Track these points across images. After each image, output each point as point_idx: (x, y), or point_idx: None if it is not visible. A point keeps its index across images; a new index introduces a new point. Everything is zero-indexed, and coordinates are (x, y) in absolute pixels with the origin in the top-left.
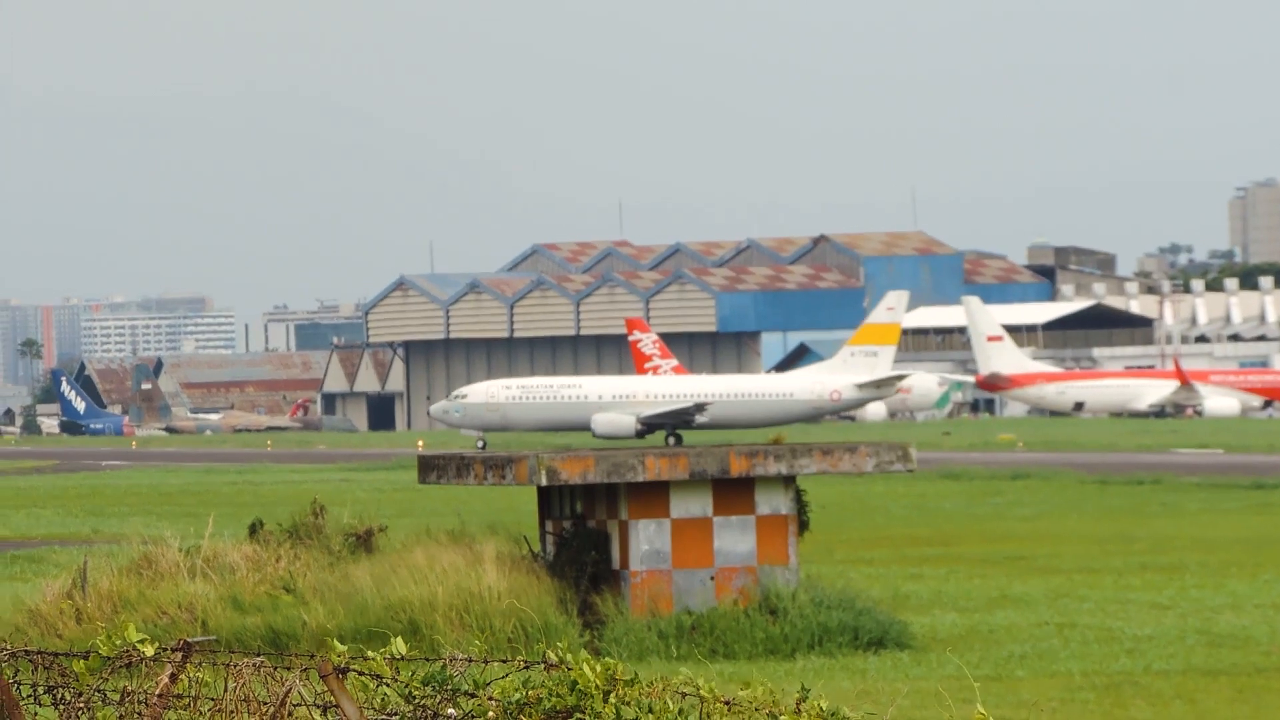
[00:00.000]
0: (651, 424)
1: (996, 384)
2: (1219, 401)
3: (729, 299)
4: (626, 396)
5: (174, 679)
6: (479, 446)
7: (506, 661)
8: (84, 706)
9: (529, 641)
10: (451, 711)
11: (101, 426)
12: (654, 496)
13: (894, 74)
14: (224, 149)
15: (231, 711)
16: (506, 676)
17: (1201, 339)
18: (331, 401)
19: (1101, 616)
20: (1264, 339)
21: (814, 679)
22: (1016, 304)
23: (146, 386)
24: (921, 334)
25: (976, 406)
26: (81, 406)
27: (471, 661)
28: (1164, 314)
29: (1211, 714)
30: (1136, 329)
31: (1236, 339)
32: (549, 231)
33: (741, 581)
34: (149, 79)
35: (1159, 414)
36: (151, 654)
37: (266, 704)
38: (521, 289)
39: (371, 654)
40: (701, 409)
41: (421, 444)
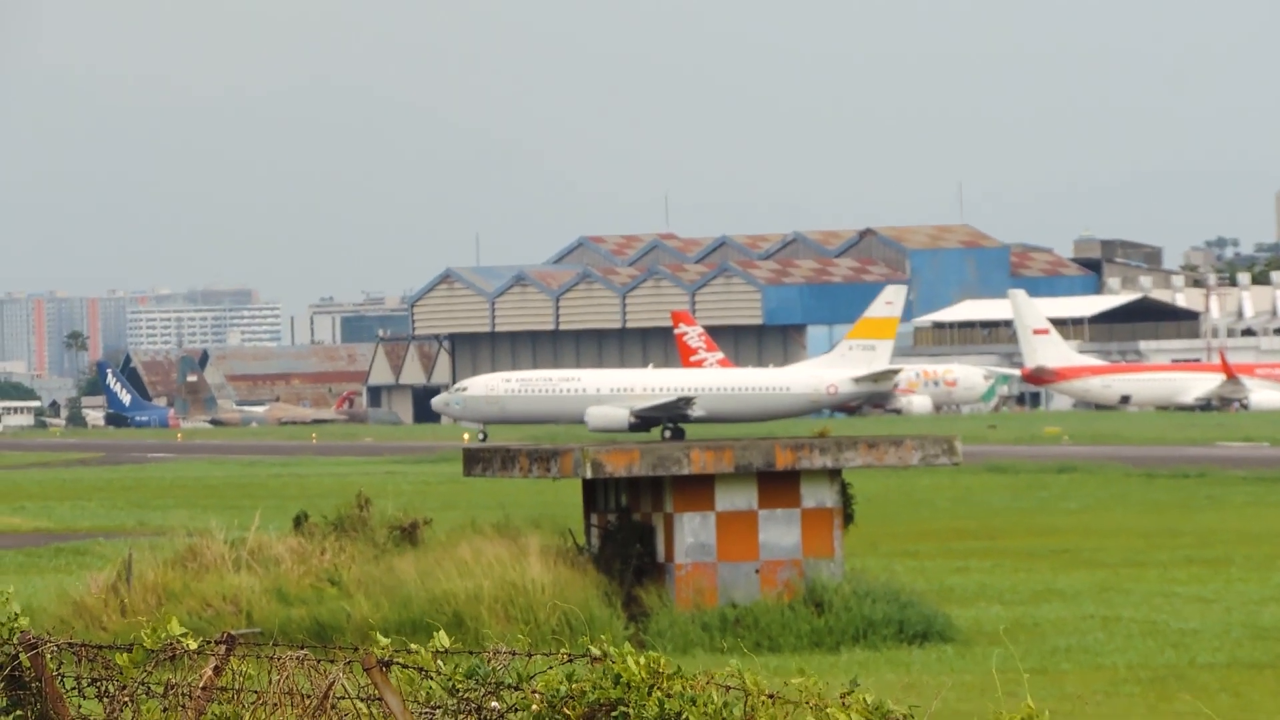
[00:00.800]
0: (644, 418)
1: (1042, 377)
2: (1265, 395)
3: (775, 292)
4: (624, 390)
5: (218, 672)
6: (480, 439)
7: (550, 655)
8: (128, 699)
9: (573, 635)
10: (495, 705)
11: (147, 419)
12: (699, 489)
13: (940, 66)
14: (271, 142)
15: (275, 704)
16: (550, 670)
17: (1248, 332)
18: (377, 394)
19: (1147, 610)
20: None
21: (859, 672)
22: (1063, 297)
23: (192, 379)
24: (967, 327)
25: (1022, 400)
26: (127, 399)
27: (515, 655)
28: (1210, 307)
29: (1257, 707)
30: (1182, 322)
31: None
32: (595, 224)
33: (786, 574)
34: (198, 72)
35: (1205, 407)
36: (195, 647)
37: (310, 697)
38: (567, 281)
39: (415, 647)
40: (689, 403)
41: (467, 437)
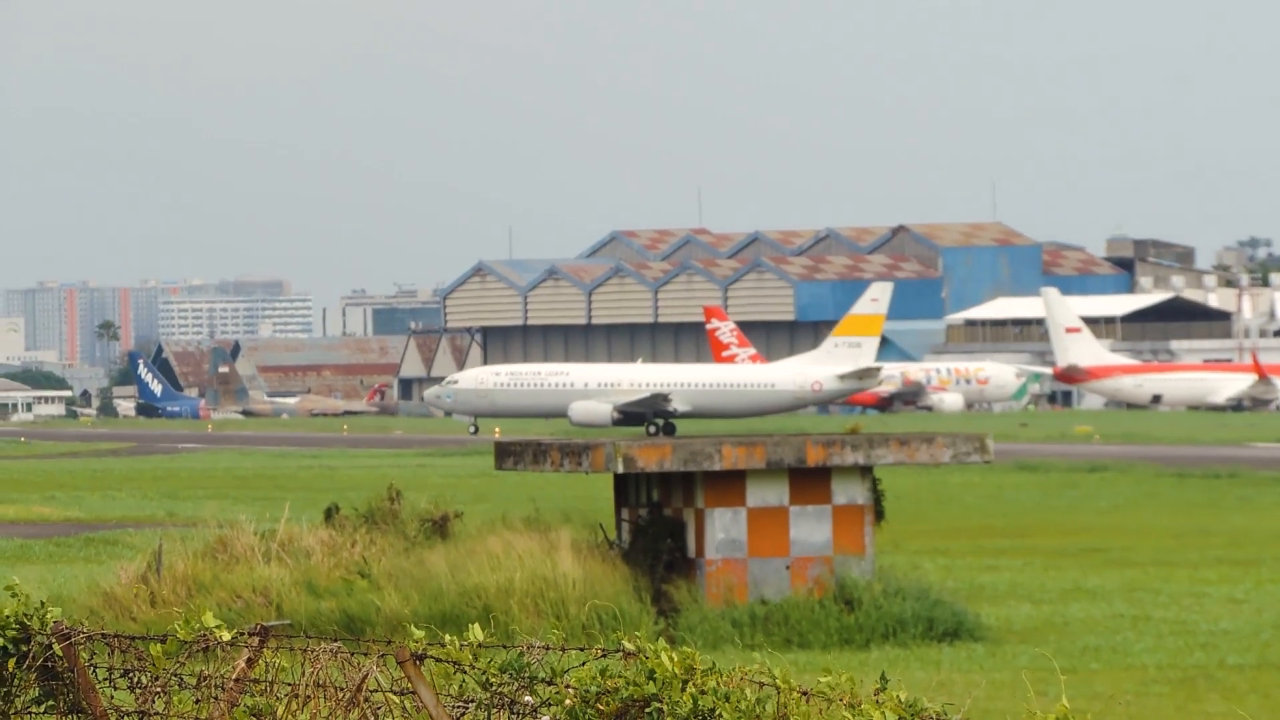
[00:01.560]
0: (626, 413)
1: (1074, 376)
2: None
3: (807, 288)
4: (611, 385)
5: (251, 663)
6: (471, 432)
7: (584, 649)
8: (160, 690)
9: (604, 629)
10: (529, 699)
11: (178, 409)
12: (730, 485)
13: (975, 63)
14: (304, 132)
15: (308, 697)
16: (584, 664)
17: None
18: (408, 386)
19: (1177, 610)
20: None
21: (888, 670)
22: (1095, 296)
23: (223, 370)
24: (1000, 325)
25: (1054, 398)
26: (158, 389)
27: (549, 649)
28: (1242, 307)
29: None
30: (1215, 322)
31: None
32: (628, 219)
33: (817, 571)
34: (230, 60)
35: (1236, 407)
36: (228, 639)
37: (343, 690)
38: (600, 276)
39: (449, 639)
40: (666, 399)
41: (499, 430)
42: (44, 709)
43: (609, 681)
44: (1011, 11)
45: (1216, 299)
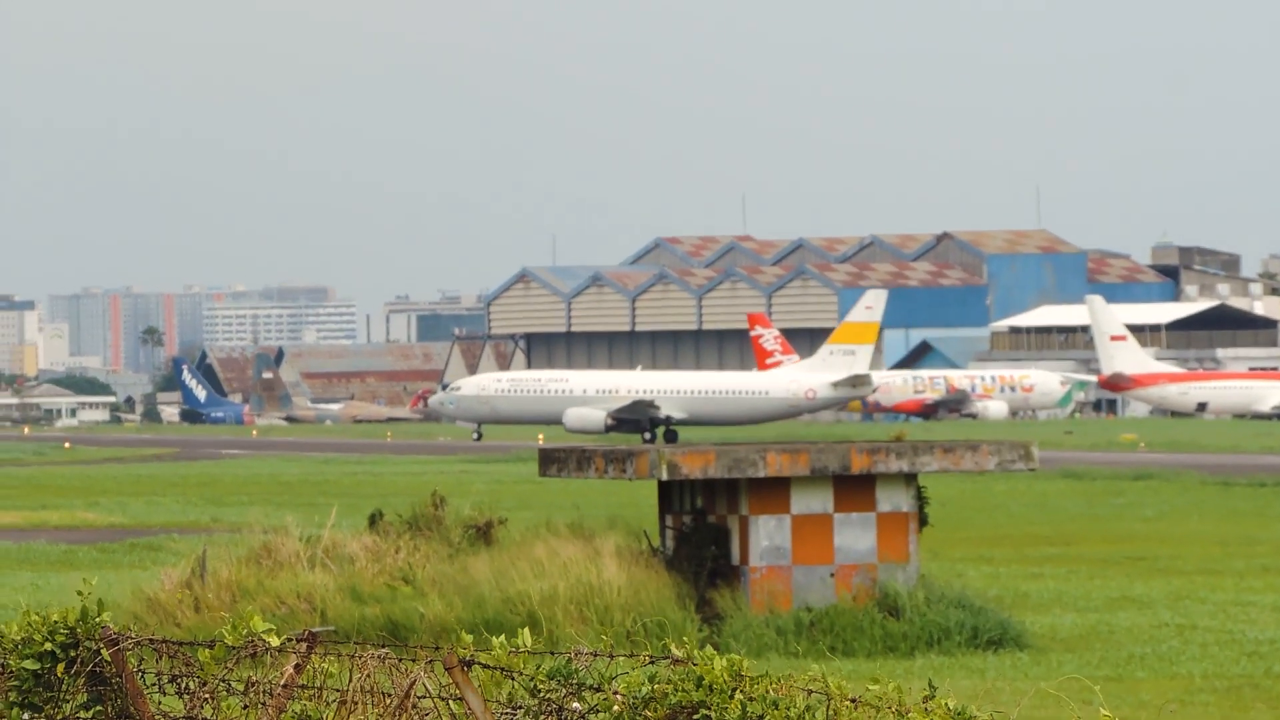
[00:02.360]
0: (620, 419)
1: (1119, 384)
2: None
3: (851, 295)
4: (608, 391)
5: (299, 669)
6: (475, 438)
7: (632, 656)
8: (208, 696)
9: (648, 636)
10: (577, 705)
11: (222, 415)
12: (775, 492)
13: (1019, 69)
14: (345, 138)
15: (356, 703)
16: (632, 671)
17: None
18: None
19: (1222, 619)
20: None
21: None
22: (1140, 304)
23: (267, 376)
24: (1044, 332)
25: (1099, 406)
26: (202, 395)
27: (596, 655)
28: None
29: None
30: (1260, 330)
31: None
32: (672, 225)
33: (861, 579)
34: (270, 68)
35: None
36: (277, 644)
37: (391, 696)
38: (644, 282)
39: (497, 644)
40: (652, 405)
41: (542, 437)
42: (92, 714)
43: (657, 688)
44: (1057, 17)
45: (1262, 306)
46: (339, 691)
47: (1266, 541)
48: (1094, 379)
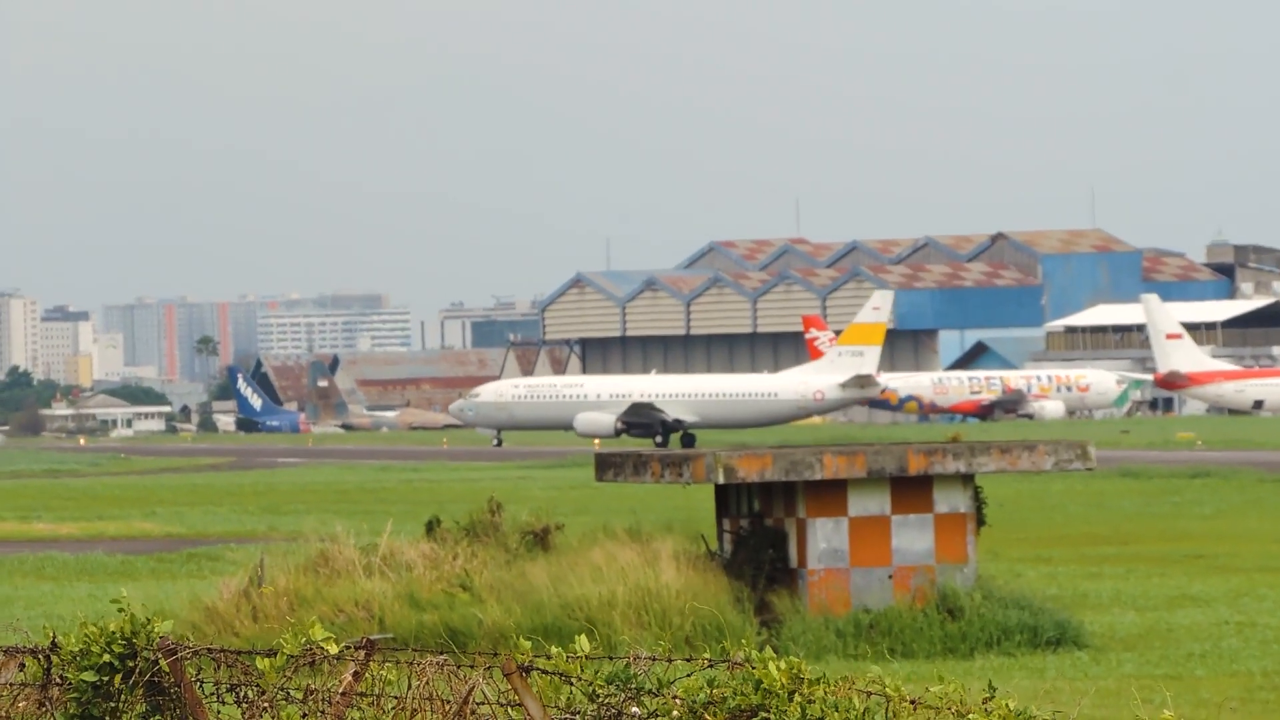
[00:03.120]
0: (629, 423)
1: (1175, 382)
2: None
3: (906, 296)
4: (622, 396)
5: (357, 677)
6: (495, 444)
7: (690, 660)
8: (267, 705)
9: (707, 640)
10: (635, 710)
11: (277, 423)
12: (832, 495)
13: (1072, 69)
14: (400, 146)
15: (415, 710)
16: (690, 675)
17: None
18: None
19: None
20: None
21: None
22: (1195, 302)
23: (323, 384)
24: (1100, 332)
25: (1155, 405)
26: (258, 403)
27: (655, 660)
28: None
29: None
30: None
31: None
32: (725, 229)
33: (919, 580)
34: (324, 75)
35: None
36: (336, 652)
37: (449, 702)
38: (698, 286)
39: (555, 651)
40: (652, 408)
41: (598, 442)
42: None
43: (716, 692)
44: (1108, 17)
45: None
46: (397, 699)
47: None
48: (1150, 378)
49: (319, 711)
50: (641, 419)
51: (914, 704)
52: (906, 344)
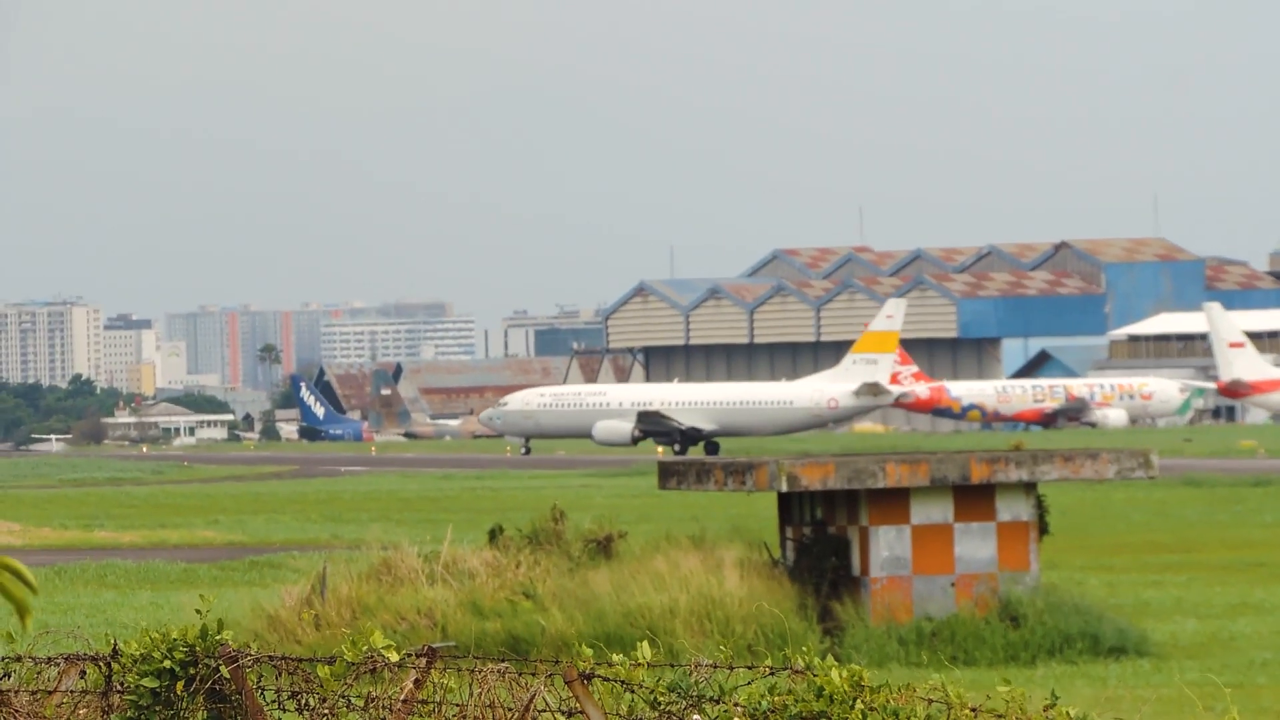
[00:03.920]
0: (646, 431)
1: (1238, 390)
2: None
3: (970, 305)
4: (644, 404)
5: (419, 684)
6: (523, 452)
7: (752, 668)
8: (328, 712)
9: (770, 648)
10: (697, 717)
11: (340, 432)
12: (894, 503)
13: (1134, 76)
14: (462, 154)
15: (476, 717)
16: (751, 683)
17: None
18: None
19: None
20: None
21: (1056, 687)
22: (1258, 310)
23: (386, 392)
24: (1163, 340)
25: (1218, 413)
26: (321, 412)
27: (716, 667)
28: None
29: None
30: None
31: None
32: (789, 237)
33: (981, 588)
34: (383, 84)
35: None
36: (396, 660)
37: (511, 710)
38: (762, 294)
39: (617, 659)
40: (662, 417)
41: (661, 450)
42: None
43: (777, 699)
44: (1171, 25)
45: None
46: (458, 706)
47: None
48: (1213, 386)
49: (380, 718)
50: (655, 427)
51: (975, 711)
52: (970, 352)
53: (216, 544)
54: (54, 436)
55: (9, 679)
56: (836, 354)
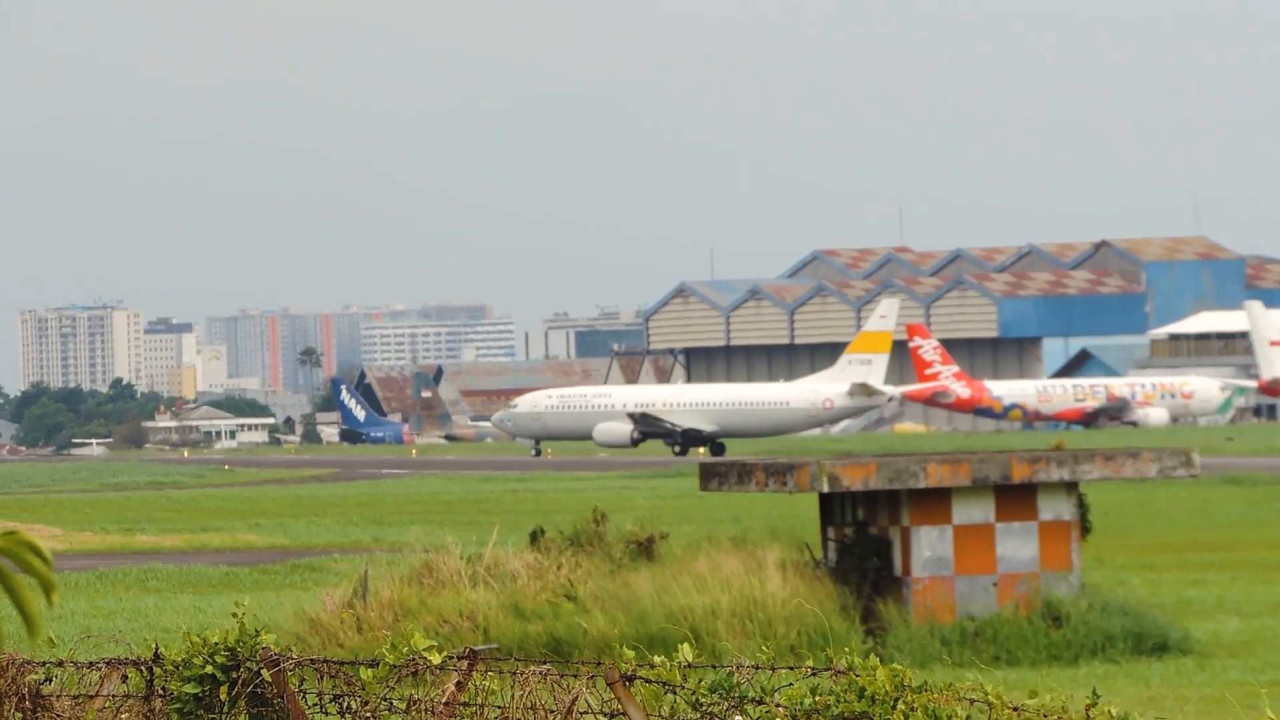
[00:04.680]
0: (645, 433)
1: (1279, 389)
2: None
3: (1010, 305)
4: (647, 405)
5: (460, 687)
6: (533, 454)
7: (794, 669)
8: (370, 715)
9: (812, 648)
10: (739, 719)
11: (381, 434)
12: (936, 503)
13: (1173, 75)
14: (499, 155)
15: (518, 719)
16: (793, 684)
17: None
18: None
19: None
20: None
21: (1098, 686)
22: None
23: (426, 394)
24: (1204, 339)
25: (1259, 412)
26: (361, 415)
27: (758, 668)
28: None
29: None
30: None
31: None
32: (829, 238)
33: (1023, 588)
34: (422, 86)
35: None
36: (438, 662)
37: (553, 711)
38: (802, 295)
39: (659, 660)
40: (654, 420)
41: (703, 451)
42: None
43: (819, 700)
44: (1208, 23)
45: None
46: (500, 708)
47: None
48: (1254, 384)
49: None
50: (652, 429)
51: (1016, 711)
52: (1011, 352)
53: (258, 547)
54: (95, 441)
55: (51, 683)
56: None
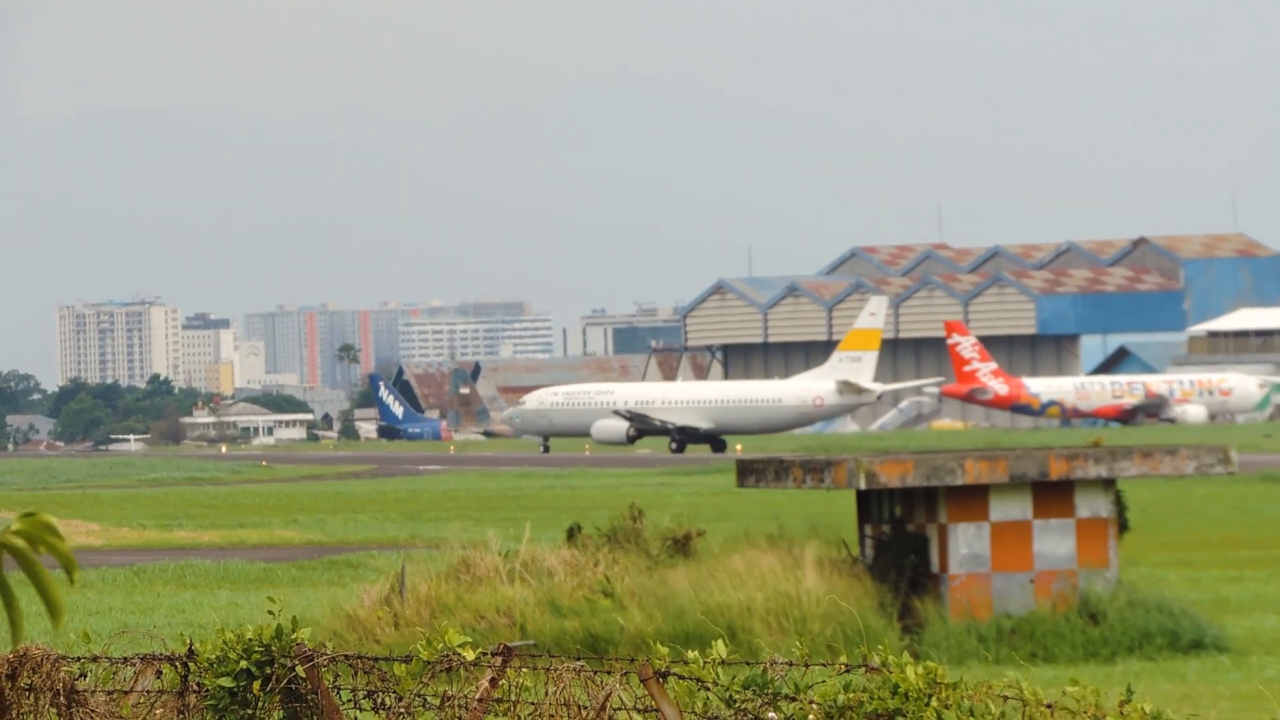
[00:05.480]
0: (641, 430)
1: None
2: None
3: (1048, 302)
4: (647, 403)
5: (494, 683)
6: (542, 451)
7: (827, 665)
8: (404, 711)
9: (848, 645)
10: (772, 715)
11: (419, 431)
12: (973, 500)
13: (1211, 72)
14: (536, 151)
15: (552, 715)
16: (826, 680)
17: None
18: None
19: None
20: None
21: (1134, 683)
22: None
23: (464, 391)
24: (1242, 336)
25: None
26: (399, 411)
27: (792, 665)
28: None
29: None
30: None
31: None
32: (867, 235)
33: (1061, 585)
34: (460, 83)
35: None
36: (472, 658)
37: (587, 708)
38: (840, 292)
39: (692, 657)
40: (644, 418)
41: (740, 447)
42: None
43: (852, 696)
44: (1248, 19)
45: None
46: (534, 704)
47: None
48: None
49: (456, 717)
50: (646, 426)
51: (1050, 708)
52: (1049, 349)
53: (295, 543)
54: (133, 436)
55: (86, 679)
56: (915, 351)
